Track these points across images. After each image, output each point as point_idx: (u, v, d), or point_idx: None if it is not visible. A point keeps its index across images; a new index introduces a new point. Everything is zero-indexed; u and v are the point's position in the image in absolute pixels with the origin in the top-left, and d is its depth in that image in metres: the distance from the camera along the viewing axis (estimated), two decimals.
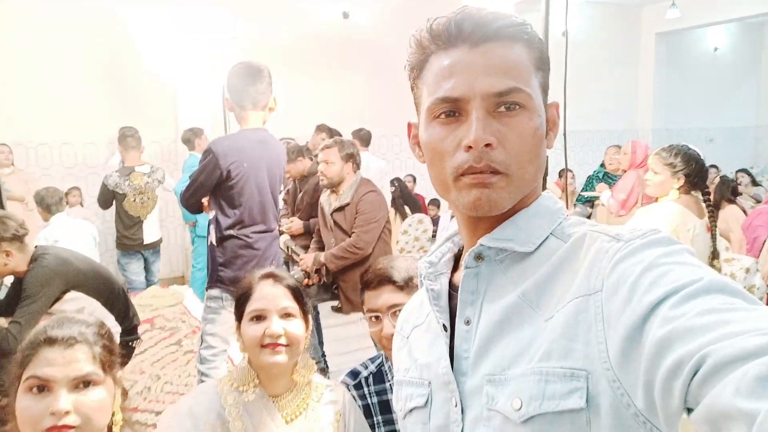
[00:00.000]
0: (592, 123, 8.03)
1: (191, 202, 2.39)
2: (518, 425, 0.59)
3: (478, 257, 0.67)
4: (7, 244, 2.28)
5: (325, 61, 6.38)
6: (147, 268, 4.68)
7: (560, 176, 5.98)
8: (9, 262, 2.30)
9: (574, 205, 5.18)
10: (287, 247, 3.93)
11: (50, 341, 1.00)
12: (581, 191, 5.37)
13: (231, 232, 2.32)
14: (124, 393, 1.14)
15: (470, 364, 0.66)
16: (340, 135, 5.37)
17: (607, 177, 5.05)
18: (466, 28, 0.64)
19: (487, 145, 0.62)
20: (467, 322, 0.67)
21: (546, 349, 0.59)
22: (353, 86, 6.59)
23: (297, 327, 1.29)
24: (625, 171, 4.16)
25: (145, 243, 4.49)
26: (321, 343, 3.63)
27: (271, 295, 1.29)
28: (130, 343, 2.69)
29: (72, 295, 2.46)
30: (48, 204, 4.10)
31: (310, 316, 1.35)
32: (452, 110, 0.64)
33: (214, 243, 2.33)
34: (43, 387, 0.98)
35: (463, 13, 0.64)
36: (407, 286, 1.37)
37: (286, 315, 1.28)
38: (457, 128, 0.64)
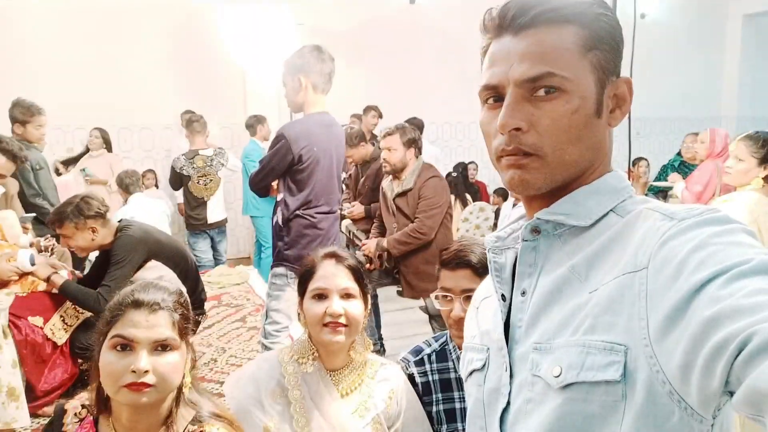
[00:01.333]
0: (672, 110, 7.64)
1: (261, 185, 2.48)
2: (556, 391, 0.62)
3: (534, 230, 0.71)
4: (92, 221, 2.52)
5: (389, 47, 6.39)
6: (214, 247, 4.89)
7: (634, 165, 5.76)
8: (96, 238, 2.55)
9: (645, 194, 4.96)
10: (349, 231, 3.99)
11: (136, 304, 1.08)
12: (653, 180, 5.13)
13: (298, 212, 2.39)
14: (194, 361, 1.20)
15: (522, 333, 0.69)
16: (380, 114, 5.41)
17: (683, 166, 4.80)
18: (509, 17, 0.67)
19: (518, 129, 0.65)
20: (523, 293, 0.71)
21: (590, 323, 0.61)
22: (415, 72, 6.56)
23: (357, 307, 1.31)
24: (702, 161, 3.93)
25: (209, 222, 4.69)
26: (379, 326, 3.68)
27: (332, 275, 1.32)
28: (198, 317, 2.84)
29: (151, 263, 2.67)
30: (127, 185, 4.36)
31: (369, 297, 1.37)
32: (496, 96, 0.69)
33: (281, 223, 2.41)
34: (126, 346, 1.05)
35: (512, 1, 0.67)
36: (486, 271, 1.37)
37: (347, 295, 1.31)
38: (499, 113, 0.67)
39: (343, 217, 3.59)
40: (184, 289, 2.64)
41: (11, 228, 2.82)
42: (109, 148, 5.30)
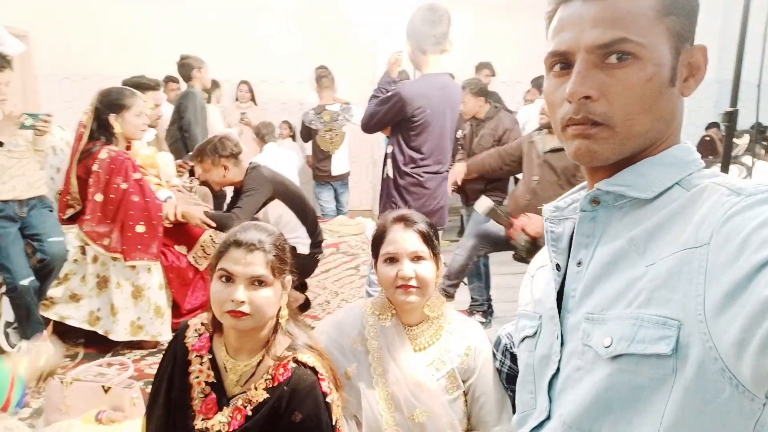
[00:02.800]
0: None
1: (369, 129, 2.59)
2: (606, 361, 0.62)
3: (594, 201, 0.70)
4: (225, 159, 2.85)
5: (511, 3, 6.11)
6: (337, 198, 5.17)
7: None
8: (227, 175, 2.89)
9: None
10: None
11: (237, 243, 1.23)
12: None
13: (405, 169, 2.47)
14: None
15: (575, 303, 0.70)
16: (493, 72, 5.21)
17: None
18: None
19: (588, 97, 0.63)
20: (579, 263, 0.71)
21: (646, 297, 0.60)
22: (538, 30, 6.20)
23: (427, 269, 1.36)
24: None
25: (333, 174, 4.95)
26: (488, 287, 3.69)
27: (402, 239, 1.37)
28: (315, 256, 3.12)
29: (275, 203, 2.96)
30: (263, 135, 4.72)
31: (440, 258, 1.42)
32: (563, 63, 0.67)
33: (390, 176, 2.50)
34: (228, 278, 1.21)
35: None
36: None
37: (417, 258, 1.36)
38: (566, 81, 0.66)
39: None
40: (302, 230, 2.91)
41: (166, 166, 3.22)
42: (254, 101, 5.77)
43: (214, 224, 2.80)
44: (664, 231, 0.62)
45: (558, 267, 0.74)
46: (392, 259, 1.37)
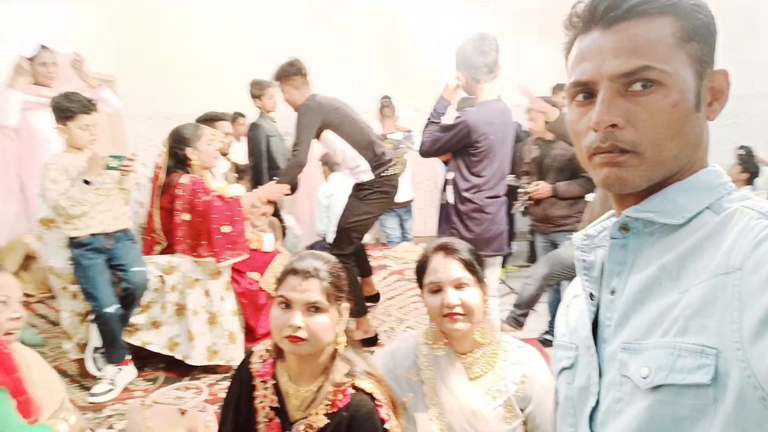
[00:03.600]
0: None
1: (430, 154, 2.63)
2: (645, 392, 0.61)
3: (623, 228, 0.69)
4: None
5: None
6: (401, 225, 5.22)
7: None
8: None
9: None
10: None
11: (294, 271, 1.29)
12: None
13: (467, 195, 2.50)
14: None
15: (611, 332, 0.69)
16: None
17: None
18: (600, 10, 0.65)
19: (614, 125, 0.64)
20: (612, 292, 0.70)
21: (682, 325, 0.60)
22: None
23: (472, 296, 1.37)
24: None
25: (396, 201, 5.00)
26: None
27: (443, 267, 1.38)
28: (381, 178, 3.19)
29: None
30: (331, 164, 4.87)
31: (486, 284, 1.41)
32: (586, 92, 0.67)
33: (450, 202, 2.53)
34: (287, 304, 1.28)
35: None
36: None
37: (460, 285, 1.37)
38: (590, 110, 0.66)
39: (530, 199, 3.51)
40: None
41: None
42: None
43: (288, 187, 2.96)
44: (695, 257, 0.62)
45: (592, 296, 0.73)
46: (436, 288, 1.39)
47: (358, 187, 3.16)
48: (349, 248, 3.14)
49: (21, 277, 3.89)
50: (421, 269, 1.44)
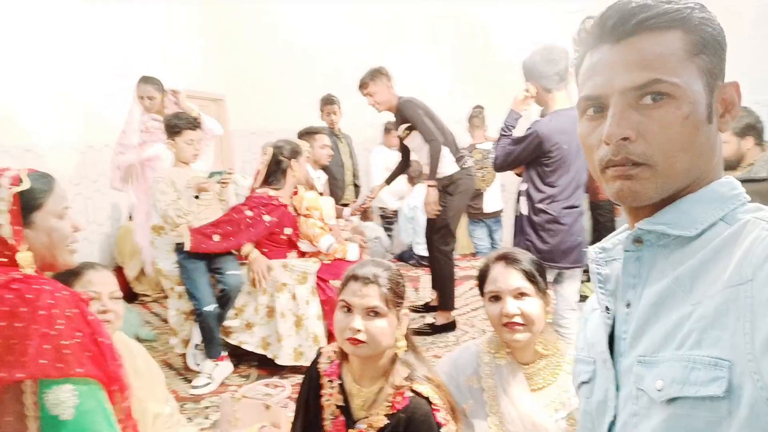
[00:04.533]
0: None
1: (504, 168, 2.63)
2: (660, 405, 0.61)
3: (637, 241, 0.69)
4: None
5: None
6: (491, 235, 5.18)
7: None
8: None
9: None
10: None
11: (355, 277, 1.37)
12: None
13: (541, 206, 2.45)
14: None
15: (627, 345, 0.69)
16: None
17: None
18: (609, 25, 0.66)
19: (625, 138, 0.64)
20: (628, 305, 0.70)
21: (696, 337, 0.60)
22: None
23: (532, 306, 1.36)
24: None
25: (485, 212, 4.98)
26: None
27: (503, 276, 1.39)
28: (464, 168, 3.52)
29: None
30: (413, 176, 4.96)
31: (548, 295, 1.40)
32: (597, 106, 0.68)
33: (524, 214, 2.50)
34: (348, 309, 1.35)
35: (611, 9, 0.67)
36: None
37: (520, 294, 1.36)
38: (601, 123, 0.67)
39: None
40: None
41: (328, 209, 3.54)
42: None
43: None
44: (708, 268, 0.62)
45: (607, 309, 0.73)
46: (496, 297, 1.40)
47: (446, 183, 3.42)
48: (451, 243, 3.55)
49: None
50: (482, 278, 1.46)
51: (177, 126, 2.90)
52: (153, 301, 4.36)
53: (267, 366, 3.06)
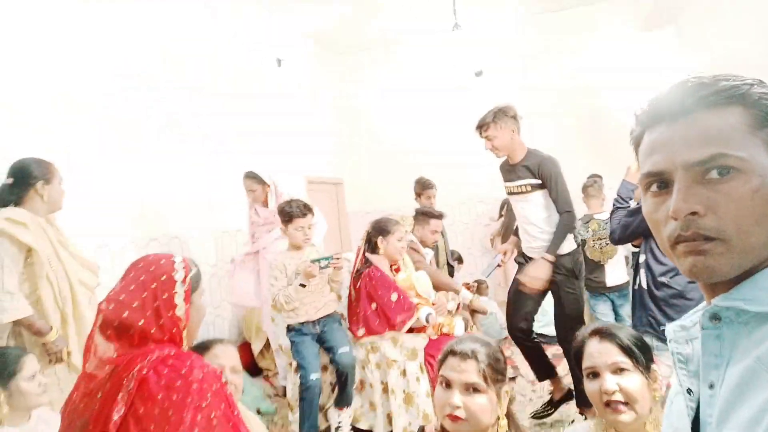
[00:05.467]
0: None
1: (622, 241, 2.53)
2: None
3: (714, 318, 0.66)
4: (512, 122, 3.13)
5: None
6: (615, 311, 4.84)
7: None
8: (513, 137, 3.13)
9: None
10: None
11: (454, 353, 1.38)
12: None
13: (662, 279, 2.31)
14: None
15: (713, 430, 0.65)
16: None
17: None
18: (666, 105, 0.68)
19: (694, 213, 0.63)
20: (711, 386, 0.66)
21: None
22: None
23: (633, 382, 1.29)
24: None
25: (608, 285, 4.68)
26: None
27: (599, 352, 1.33)
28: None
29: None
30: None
31: (651, 370, 1.30)
32: (662, 182, 0.68)
33: (644, 287, 2.36)
34: (448, 384, 1.36)
35: (670, 89, 0.68)
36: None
37: (619, 370, 1.30)
38: (666, 200, 0.67)
39: None
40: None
41: (422, 285, 3.54)
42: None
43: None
44: None
45: (690, 391, 0.69)
46: (594, 374, 1.34)
47: (568, 263, 3.00)
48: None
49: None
50: (578, 355, 1.41)
51: (289, 213, 3.13)
52: (275, 374, 4.57)
53: None
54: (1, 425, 1.67)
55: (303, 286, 2.99)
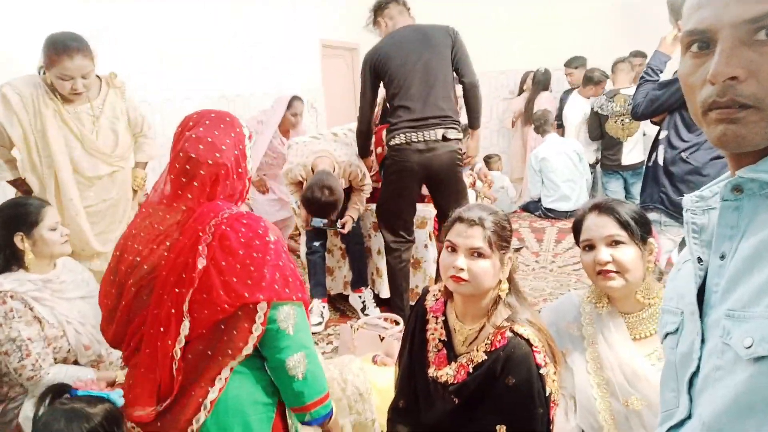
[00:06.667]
0: None
1: (647, 116, 2.44)
2: (746, 362, 0.59)
3: (736, 189, 0.65)
4: None
5: None
6: (627, 189, 4.84)
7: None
8: None
9: None
10: None
11: (461, 219, 1.39)
12: None
13: (683, 155, 2.27)
14: (512, 271, 1.42)
15: (717, 298, 0.66)
16: None
17: None
18: None
19: (734, 78, 0.59)
20: (722, 257, 0.66)
21: None
22: None
23: (626, 254, 1.31)
24: None
25: (623, 164, 4.63)
26: None
27: (596, 226, 1.36)
28: None
29: None
30: (542, 123, 4.76)
31: (648, 242, 1.33)
32: (704, 42, 0.63)
33: (660, 163, 2.33)
34: (453, 248, 1.40)
35: None
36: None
37: (614, 243, 1.32)
38: (706, 62, 0.62)
39: None
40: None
41: None
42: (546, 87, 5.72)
43: None
44: None
45: (700, 260, 0.69)
46: (590, 246, 1.38)
47: None
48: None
49: None
50: (577, 229, 1.44)
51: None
52: (290, 238, 4.74)
53: (386, 303, 3.24)
54: (29, 271, 1.76)
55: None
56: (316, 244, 3.21)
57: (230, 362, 1.29)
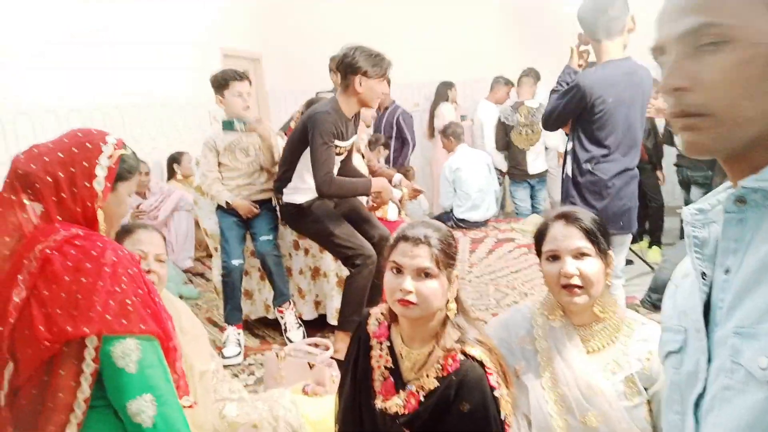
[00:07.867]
0: None
1: (550, 126, 2.48)
2: (761, 383, 0.56)
3: (740, 201, 0.63)
4: None
5: None
6: (533, 196, 5.05)
7: None
8: None
9: None
10: None
11: (405, 238, 1.32)
12: None
13: (587, 166, 2.31)
14: (457, 291, 1.36)
15: (723, 315, 0.64)
16: None
17: None
18: None
19: (680, 89, 0.61)
20: (727, 271, 0.64)
21: None
22: None
23: (592, 267, 1.30)
24: None
25: (529, 173, 4.84)
26: None
27: (563, 236, 1.32)
28: None
29: None
30: (449, 135, 4.83)
31: (609, 256, 1.32)
32: (662, 56, 0.65)
33: (569, 175, 2.38)
34: (398, 270, 1.31)
35: None
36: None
37: (580, 255, 1.30)
38: None
39: None
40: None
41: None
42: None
43: None
44: None
45: (704, 275, 0.67)
46: (554, 257, 1.34)
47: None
48: None
49: None
50: (540, 237, 1.40)
51: (224, 78, 2.91)
52: (197, 260, 4.45)
53: (311, 325, 3.09)
54: None
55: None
56: (235, 263, 2.92)
57: (73, 406, 1.09)
